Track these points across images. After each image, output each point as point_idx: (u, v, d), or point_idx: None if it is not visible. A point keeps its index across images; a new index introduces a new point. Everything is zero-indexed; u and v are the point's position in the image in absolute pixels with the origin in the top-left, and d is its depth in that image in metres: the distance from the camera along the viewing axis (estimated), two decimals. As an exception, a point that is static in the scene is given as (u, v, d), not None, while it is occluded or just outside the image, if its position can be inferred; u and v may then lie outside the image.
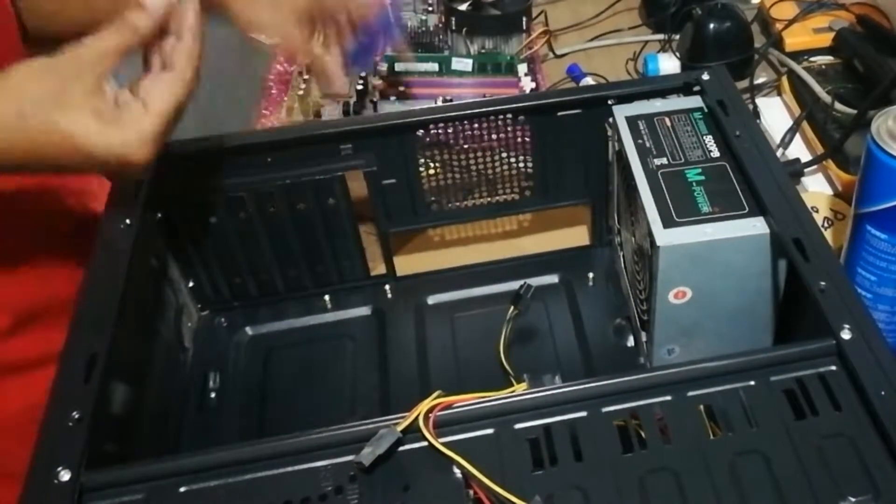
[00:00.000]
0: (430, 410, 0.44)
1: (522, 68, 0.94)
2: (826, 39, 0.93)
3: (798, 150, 0.83)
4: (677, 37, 0.97)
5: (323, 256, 0.72)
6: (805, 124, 0.84)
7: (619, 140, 0.61)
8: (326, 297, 0.73)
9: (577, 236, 0.73)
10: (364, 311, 0.72)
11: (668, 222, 0.54)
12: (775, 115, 0.88)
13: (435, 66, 0.95)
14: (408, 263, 0.74)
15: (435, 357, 0.68)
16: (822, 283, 0.47)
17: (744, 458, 0.43)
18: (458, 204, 0.70)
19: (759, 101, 0.90)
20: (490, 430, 0.45)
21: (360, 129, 0.65)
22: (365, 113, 0.90)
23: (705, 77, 0.62)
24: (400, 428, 0.44)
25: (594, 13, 1.07)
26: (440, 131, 0.65)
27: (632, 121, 0.62)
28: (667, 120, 0.61)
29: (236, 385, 0.69)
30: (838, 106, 0.82)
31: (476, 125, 0.65)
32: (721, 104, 0.60)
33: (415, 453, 0.44)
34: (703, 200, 0.55)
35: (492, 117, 0.65)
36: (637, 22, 1.05)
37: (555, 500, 0.42)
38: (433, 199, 0.69)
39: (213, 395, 0.68)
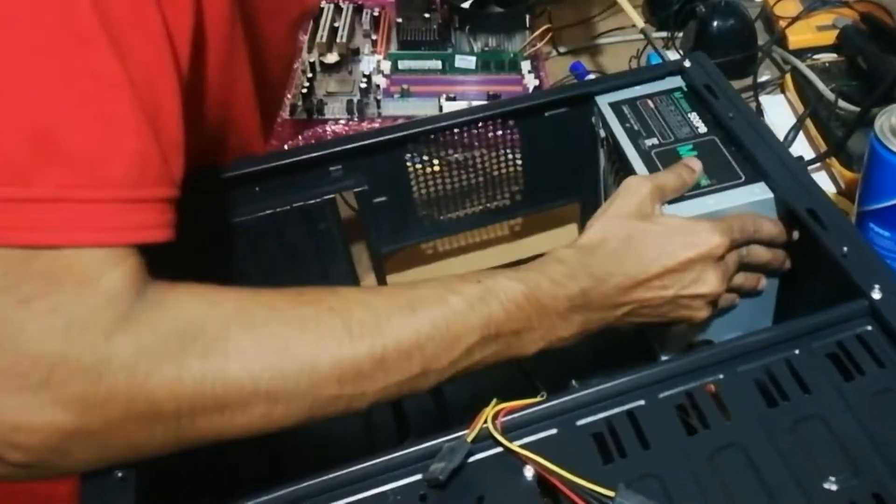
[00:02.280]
0: (495, 417, 0.44)
1: (526, 66, 0.94)
2: (830, 37, 0.93)
3: (801, 148, 0.84)
4: (681, 34, 0.98)
5: (314, 284, 0.70)
6: (808, 122, 0.85)
7: (607, 126, 0.62)
8: (321, 326, 0.71)
9: (568, 235, 0.74)
10: (362, 335, 0.71)
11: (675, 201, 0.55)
12: (778, 112, 0.89)
13: (438, 64, 0.95)
14: (401, 280, 0.73)
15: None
16: (845, 249, 0.49)
17: (804, 423, 0.44)
18: (449, 215, 0.69)
19: (763, 98, 0.91)
20: (554, 430, 0.45)
21: (350, 149, 0.64)
22: (368, 111, 0.89)
23: (687, 64, 0.64)
24: (469, 438, 0.43)
25: (597, 11, 1.06)
26: (431, 143, 0.65)
27: (616, 106, 0.63)
28: (650, 102, 0.63)
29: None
30: (842, 103, 0.83)
31: (465, 133, 0.65)
32: (708, 89, 0.61)
33: (483, 462, 0.44)
34: (700, 174, 0.56)
35: (480, 124, 0.65)
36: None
37: (633, 489, 0.42)
38: (425, 213, 0.69)
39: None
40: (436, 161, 0.66)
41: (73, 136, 0.40)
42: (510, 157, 0.68)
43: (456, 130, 0.64)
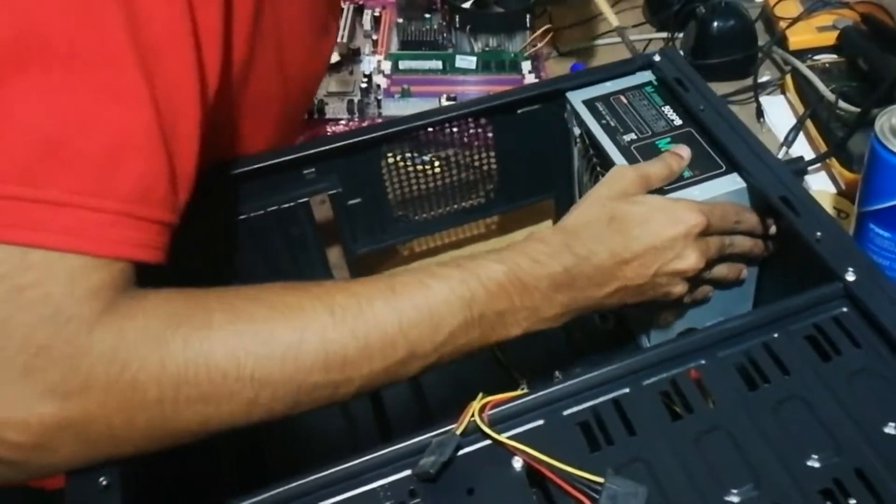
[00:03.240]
0: (481, 411, 0.44)
1: (526, 66, 0.95)
2: (830, 38, 0.93)
3: (801, 149, 0.84)
4: (681, 35, 0.98)
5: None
6: (809, 122, 0.85)
7: (583, 124, 0.63)
8: (299, 331, 0.71)
9: (542, 232, 0.74)
10: (341, 338, 0.71)
11: (655, 192, 0.56)
12: (779, 113, 0.89)
13: (439, 64, 0.95)
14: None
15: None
16: (818, 234, 0.50)
17: (786, 404, 0.44)
18: (424, 215, 0.70)
19: (763, 99, 0.91)
20: (541, 422, 0.45)
21: (323, 152, 0.64)
22: (368, 111, 0.88)
23: (657, 58, 0.65)
24: (458, 432, 0.43)
25: (598, 11, 1.05)
26: (405, 143, 0.65)
27: (589, 103, 0.64)
28: (622, 98, 0.64)
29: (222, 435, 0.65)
30: (842, 104, 0.83)
31: (439, 133, 0.65)
32: (679, 82, 0.62)
33: (472, 455, 0.44)
34: (688, 160, 0.58)
35: (454, 122, 0.65)
36: (641, 20, 1.06)
37: (621, 474, 0.42)
38: (400, 213, 0.69)
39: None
40: (410, 161, 0.66)
41: (86, 147, 0.41)
42: (484, 155, 0.68)
43: (430, 130, 0.65)
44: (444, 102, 0.91)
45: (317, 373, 0.45)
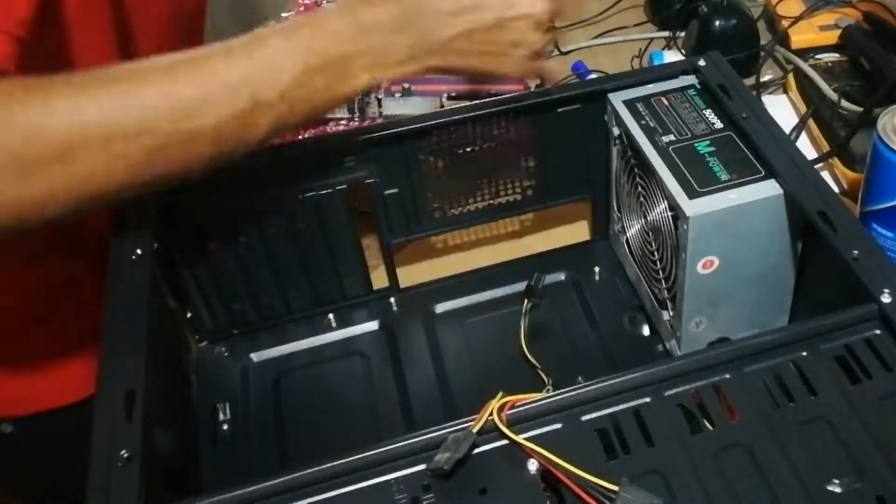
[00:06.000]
0: (500, 410, 0.44)
1: None
2: (832, 37, 0.92)
3: (804, 148, 0.80)
4: (682, 34, 0.97)
5: (324, 274, 0.70)
6: (811, 122, 0.85)
7: (622, 124, 0.62)
8: (330, 316, 0.72)
9: (577, 232, 0.74)
10: (371, 325, 0.71)
11: (692, 193, 0.55)
12: (781, 112, 0.88)
13: None
14: (410, 273, 0.73)
15: (452, 365, 0.67)
16: (855, 252, 0.49)
17: (809, 425, 0.44)
18: (460, 209, 0.70)
19: (765, 98, 0.90)
20: (558, 425, 0.45)
21: (363, 140, 0.64)
22: (369, 110, 0.89)
23: (702, 63, 0.64)
24: (475, 429, 0.43)
25: (599, 10, 1.06)
26: (443, 137, 0.65)
27: (630, 104, 0.63)
28: (664, 99, 0.63)
29: (249, 415, 0.67)
30: (844, 103, 0.82)
31: (479, 127, 0.65)
32: (722, 88, 0.61)
33: (487, 454, 0.44)
34: (719, 169, 0.57)
35: (493, 118, 0.65)
36: (642, 19, 1.06)
37: (636, 484, 0.42)
38: (435, 206, 0.69)
39: (225, 427, 0.66)
40: (448, 155, 0.66)
41: None
42: (522, 152, 0.68)
43: (469, 125, 0.65)
44: (445, 102, 0.90)
45: (163, 122, 0.48)
